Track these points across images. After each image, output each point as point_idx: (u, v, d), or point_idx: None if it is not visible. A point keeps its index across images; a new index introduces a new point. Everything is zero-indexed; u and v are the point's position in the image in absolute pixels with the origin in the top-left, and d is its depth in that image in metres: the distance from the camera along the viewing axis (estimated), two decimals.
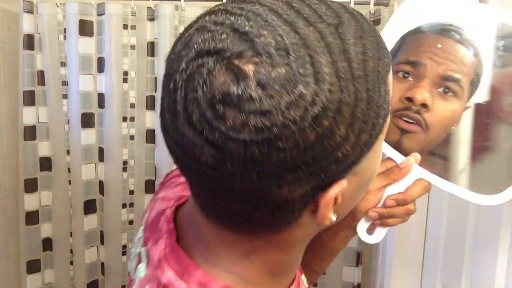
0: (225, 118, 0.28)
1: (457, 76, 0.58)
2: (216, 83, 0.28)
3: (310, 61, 0.28)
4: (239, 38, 0.29)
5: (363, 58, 0.31)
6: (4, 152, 1.50)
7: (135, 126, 1.52)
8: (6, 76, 1.49)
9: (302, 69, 0.28)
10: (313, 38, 0.29)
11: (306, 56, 0.28)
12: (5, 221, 1.52)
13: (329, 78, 0.29)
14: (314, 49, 0.29)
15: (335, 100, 0.29)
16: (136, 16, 1.46)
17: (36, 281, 1.57)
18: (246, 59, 0.28)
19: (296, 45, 0.29)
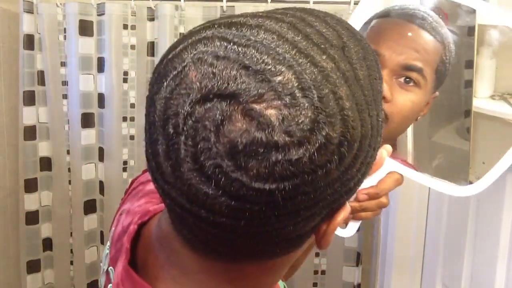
0: (247, 169, 0.25)
1: (419, 65, 0.55)
2: (234, 132, 0.25)
3: (333, 97, 0.26)
4: (253, 77, 0.25)
5: (369, 81, 0.30)
6: (4, 152, 1.50)
7: (135, 126, 1.52)
8: (6, 76, 1.49)
9: (328, 109, 0.26)
10: (330, 69, 0.27)
11: (330, 93, 0.26)
12: (5, 221, 1.52)
13: (351, 114, 0.27)
14: (334, 82, 0.27)
15: (358, 136, 0.27)
16: (136, 16, 1.46)
17: (36, 281, 1.57)
18: (267, 103, 0.25)
19: (318, 81, 0.26)
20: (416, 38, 0.55)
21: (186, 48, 0.28)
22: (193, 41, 0.28)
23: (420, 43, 0.55)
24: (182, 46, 0.29)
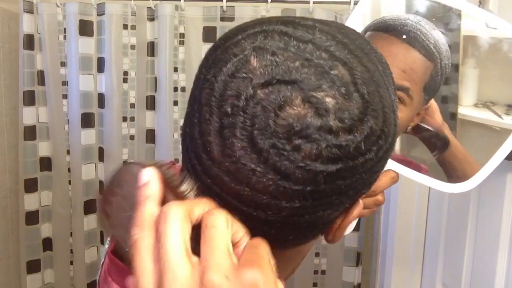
0: (300, 149, 0.28)
1: (405, 85, 0.53)
2: (292, 115, 0.28)
3: (378, 95, 0.30)
4: (314, 69, 0.28)
5: (393, 88, 0.33)
6: (4, 152, 1.50)
7: (135, 126, 1.52)
8: (6, 76, 1.49)
9: (374, 104, 0.29)
10: (373, 70, 0.30)
11: (375, 90, 0.30)
12: (5, 221, 1.52)
13: (388, 111, 0.31)
14: (377, 82, 0.30)
15: (392, 132, 0.31)
16: (136, 16, 1.46)
17: (36, 281, 1.57)
18: (325, 92, 0.28)
19: (366, 78, 0.29)
20: (404, 57, 0.53)
21: (245, 38, 0.30)
22: (251, 33, 0.30)
23: (408, 62, 0.53)
24: (241, 36, 0.31)
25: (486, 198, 0.89)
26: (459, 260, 0.98)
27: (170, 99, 1.46)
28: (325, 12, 1.38)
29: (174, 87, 1.46)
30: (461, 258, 0.98)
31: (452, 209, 1.05)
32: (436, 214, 1.13)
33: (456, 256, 1.00)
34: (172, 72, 1.44)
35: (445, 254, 1.08)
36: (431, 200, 1.17)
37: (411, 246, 1.21)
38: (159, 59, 1.44)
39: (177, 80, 1.46)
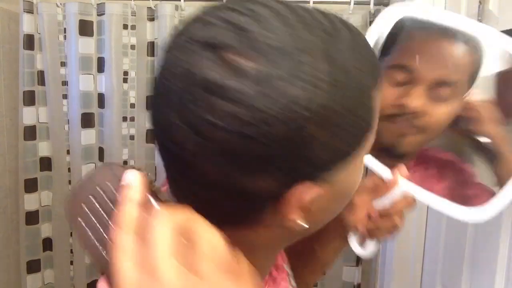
0: (216, 109, 0.28)
1: (453, 80, 0.56)
2: (211, 75, 0.29)
3: (309, 66, 0.29)
4: (240, 34, 0.29)
5: (354, 70, 0.31)
6: (4, 152, 1.50)
7: (135, 126, 1.52)
8: (6, 76, 1.49)
9: (301, 73, 0.29)
10: (313, 44, 0.30)
11: (306, 60, 0.29)
12: (5, 221, 1.52)
13: (324, 85, 0.29)
14: (314, 55, 0.30)
15: (323, 106, 0.29)
16: (136, 16, 1.46)
17: (36, 281, 1.57)
18: (247, 56, 0.29)
19: (298, 49, 0.29)
20: (449, 53, 0.56)
21: (200, 13, 0.34)
22: (206, 8, 0.33)
23: (454, 58, 0.57)
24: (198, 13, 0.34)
25: None
26: (459, 261, 0.98)
27: None
28: None
29: None
30: (461, 259, 0.98)
31: None
32: (436, 214, 1.13)
33: (456, 257, 1.00)
34: None
35: (445, 255, 1.08)
36: None
37: (411, 246, 1.21)
38: (159, 59, 1.44)
39: None
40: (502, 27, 0.82)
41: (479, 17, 0.91)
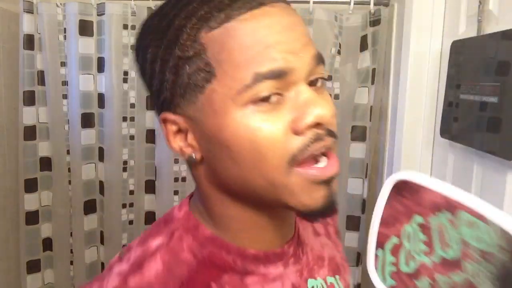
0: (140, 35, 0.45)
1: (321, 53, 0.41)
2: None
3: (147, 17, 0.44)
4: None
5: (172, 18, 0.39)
6: (4, 152, 1.50)
7: (135, 126, 1.52)
8: (6, 76, 1.49)
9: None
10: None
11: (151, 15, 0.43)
12: (5, 221, 1.52)
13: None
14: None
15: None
16: (136, 16, 1.46)
17: (36, 281, 1.57)
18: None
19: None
20: (297, 26, 0.40)
21: None
22: None
23: (305, 29, 0.42)
24: None
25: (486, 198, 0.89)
26: None
27: None
28: (325, 12, 1.38)
29: None
30: None
31: None
32: None
33: None
34: None
35: None
36: None
37: None
38: None
39: None
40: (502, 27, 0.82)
41: (479, 17, 0.91)
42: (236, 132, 0.36)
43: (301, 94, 0.37)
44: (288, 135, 0.36)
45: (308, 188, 0.37)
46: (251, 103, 0.36)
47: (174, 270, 0.40)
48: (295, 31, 0.37)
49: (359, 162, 1.47)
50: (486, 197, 0.89)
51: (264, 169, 0.37)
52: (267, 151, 0.36)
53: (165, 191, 1.51)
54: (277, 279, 0.44)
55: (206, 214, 0.44)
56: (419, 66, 1.15)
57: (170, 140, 0.41)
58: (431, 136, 1.15)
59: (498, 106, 0.78)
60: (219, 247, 0.42)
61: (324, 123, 0.37)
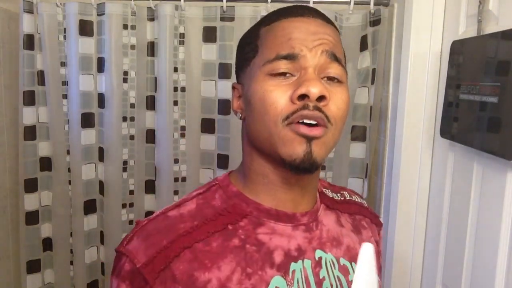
0: None
1: (339, 55, 0.52)
2: None
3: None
4: None
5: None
6: (4, 152, 1.50)
7: (135, 126, 1.52)
8: (6, 76, 1.49)
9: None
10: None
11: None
12: (5, 221, 1.52)
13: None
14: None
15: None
16: (136, 16, 1.46)
17: (36, 281, 1.57)
18: None
19: None
20: (323, 29, 0.53)
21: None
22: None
23: (330, 34, 0.54)
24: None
25: (486, 198, 0.89)
26: (459, 260, 0.98)
27: (170, 99, 1.46)
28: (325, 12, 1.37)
29: (174, 87, 1.46)
30: (461, 258, 0.98)
31: (452, 209, 1.05)
32: (436, 214, 1.13)
33: (456, 256, 1.00)
34: (172, 72, 1.45)
35: (445, 254, 1.08)
36: (431, 200, 1.17)
37: (411, 246, 1.21)
38: (159, 59, 1.44)
39: (177, 80, 1.46)
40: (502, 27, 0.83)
41: (479, 17, 0.91)
42: (257, 91, 0.50)
43: (305, 75, 0.49)
44: (287, 101, 0.49)
45: (294, 139, 0.48)
46: (270, 75, 0.50)
47: (203, 210, 0.53)
48: (316, 35, 0.51)
49: (359, 162, 1.47)
50: (486, 197, 0.89)
51: (266, 121, 0.49)
52: (270, 108, 0.49)
53: (165, 191, 1.51)
54: (284, 236, 0.53)
55: (241, 171, 0.57)
56: (419, 66, 1.15)
57: (233, 103, 0.57)
58: (431, 136, 1.15)
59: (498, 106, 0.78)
60: (241, 200, 0.54)
61: (310, 96, 0.47)
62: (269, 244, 0.51)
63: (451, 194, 1.05)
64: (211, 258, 0.49)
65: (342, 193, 0.66)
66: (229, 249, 0.50)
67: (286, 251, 0.52)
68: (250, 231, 0.52)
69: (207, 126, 1.50)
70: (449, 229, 1.06)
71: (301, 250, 0.53)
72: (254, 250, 0.50)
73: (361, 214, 0.65)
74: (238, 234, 0.51)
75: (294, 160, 0.48)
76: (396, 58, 1.27)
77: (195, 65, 1.48)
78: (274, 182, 0.54)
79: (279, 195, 0.54)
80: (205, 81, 1.48)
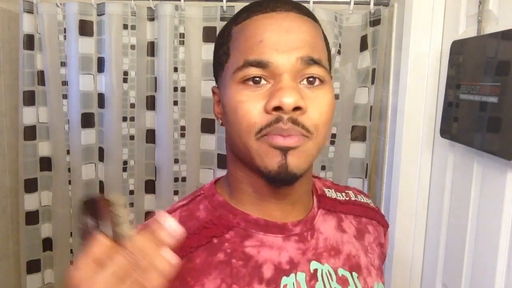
0: None
1: (317, 56, 0.46)
2: None
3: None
4: None
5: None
6: (4, 152, 1.50)
7: (135, 126, 1.52)
8: (6, 76, 1.49)
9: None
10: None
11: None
12: (5, 221, 1.52)
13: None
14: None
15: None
16: (136, 16, 1.46)
17: (36, 281, 1.57)
18: None
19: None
20: (300, 25, 0.48)
21: None
22: None
23: (308, 30, 0.49)
24: None
25: (486, 198, 0.89)
26: (459, 260, 0.98)
27: (170, 99, 1.46)
28: (325, 12, 1.38)
29: (174, 87, 1.46)
30: (461, 258, 0.98)
31: (452, 208, 1.05)
32: (436, 214, 1.13)
33: (456, 256, 1.00)
34: (172, 72, 1.45)
35: (445, 254, 1.08)
36: (431, 200, 1.17)
37: (411, 246, 1.21)
38: (159, 59, 1.44)
39: (177, 80, 1.46)
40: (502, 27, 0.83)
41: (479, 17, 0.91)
42: (230, 102, 0.47)
43: (278, 83, 0.45)
44: (261, 112, 0.45)
45: (268, 152, 0.45)
46: (241, 83, 0.46)
47: (186, 223, 0.49)
48: (291, 33, 0.46)
49: (359, 162, 1.47)
50: (486, 197, 0.89)
51: (241, 134, 0.46)
52: (242, 120, 0.45)
53: (165, 191, 1.51)
54: (274, 248, 0.49)
55: (226, 180, 0.54)
56: (419, 66, 1.15)
57: (214, 107, 0.54)
58: (431, 136, 1.15)
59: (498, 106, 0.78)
60: (227, 210, 0.51)
61: (284, 108, 0.43)
62: (257, 258, 0.48)
63: (451, 194, 1.05)
64: (194, 275, 0.46)
65: (347, 193, 0.63)
66: (214, 264, 0.47)
67: (276, 264, 0.48)
68: (236, 244, 0.48)
69: (207, 126, 1.50)
70: (449, 229, 1.06)
71: (293, 262, 0.49)
72: (241, 265, 0.47)
73: (367, 216, 0.61)
74: (224, 248, 0.48)
75: (269, 172, 0.45)
76: (396, 58, 1.27)
77: (195, 65, 1.48)
78: (260, 192, 0.50)
79: (266, 205, 0.51)
80: (205, 81, 1.48)
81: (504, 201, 0.82)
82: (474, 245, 0.93)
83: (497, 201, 0.84)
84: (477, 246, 0.92)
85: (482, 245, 0.90)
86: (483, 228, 0.90)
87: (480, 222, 0.91)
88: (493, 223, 0.86)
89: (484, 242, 0.89)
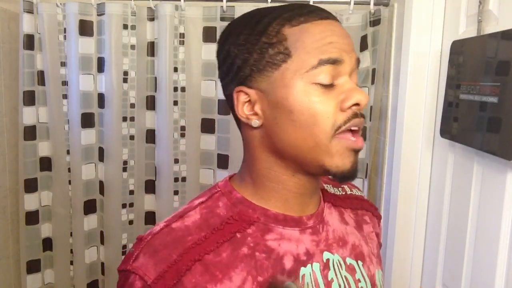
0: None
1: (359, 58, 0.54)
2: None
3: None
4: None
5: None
6: (4, 152, 1.50)
7: (135, 126, 1.52)
8: (6, 76, 1.49)
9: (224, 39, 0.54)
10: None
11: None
12: (5, 221, 1.52)
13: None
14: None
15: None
16: (136, 16, 1.46)
17: (36, 281, 1.57)
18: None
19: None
20: (345, 32, 0.54)
21: None
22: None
23: (349, 37, 0.55)
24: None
25: (486, 198, 0.89)
26: (459, 260, 0.98)
27: (170, 99, 1.46)
28: None
29: (174, 87, 1.46)
30: (461, 258, 0.98)
31: (452, 209, 1.05)
32: (436, 214, 1.13)
33: (456, 256, 1.00)
34: (172, 72, 1.45)
35: (445, 254, 1.08)
36: (431, 200, 1.17)
37: (411, 246, 1.21)
38: (159, 59, 1.44)
39: (177, 80, 1.46)
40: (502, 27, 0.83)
41: (479, 17, 0.91)
42: (300, 101, 0.48)
43: (346, 84, 0.50)
44: (336, 111, 0.49)
45: (343, 153, 0.49)
46: (313, 84, 0.48)
47: (209, 220, 0.52)
48: (347, 38, 0.51)
49: (359, 162, 1.46)
50: (486, 197, 0.89)
51: (315, 132, 0.48)
52: (320, 119, 0.48)
53: (165, 191, 1.51)
54: (292, 241, 0.53)
55: (246, 177, 0.56)
56: (419, 66, 1.15)
57: (238, 108, 0.52)
58: (431, 136, 1.15)
59: (498, 106, 0.78)
60: (247, 206, 0.54)
61: (361, 105, 0.49)
62: (278, 250, 0.52)
63: (451, 194, 1.05)
64: (222, 269, 0.49)
65: (343, 187, 0.67)
66: (239, 258, 0.50)
67: (295, 256, 0.52)
68: (258, 238, 0.52)
69: (207, 126, 1.50)
70: (449, 229, 1.06)
71: (310, 253, 0.53)
72: (264, 258, 0.51)
73: (363, 208, 0.66)
74: (247, 242, 0.51)
75: (341, 171, 0.49)
76: (396, 58, 1.27)
77: (195, 65, 1.48)
78: (289, 188, 0.54)
79: (289, 200, 0.54)
80: (205, 81, 1.48)
81: (504, 201, 0.82)
82: (474, 245, 0.93)
83: (497, 201, 0.84)
84: (477, 246, 0.92)
85: (482, 245, 0.90)
86: (483, 228, 0.90)
87: (480, 222, 0.91)
88: (493, 223, 0.86)
89: (484, 242, 0.89)
